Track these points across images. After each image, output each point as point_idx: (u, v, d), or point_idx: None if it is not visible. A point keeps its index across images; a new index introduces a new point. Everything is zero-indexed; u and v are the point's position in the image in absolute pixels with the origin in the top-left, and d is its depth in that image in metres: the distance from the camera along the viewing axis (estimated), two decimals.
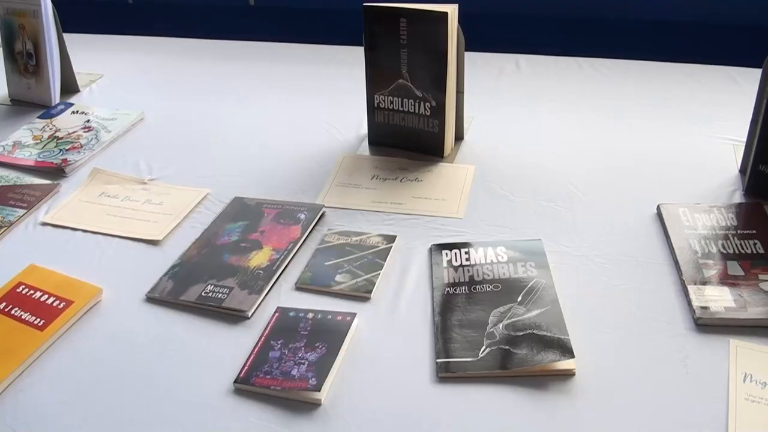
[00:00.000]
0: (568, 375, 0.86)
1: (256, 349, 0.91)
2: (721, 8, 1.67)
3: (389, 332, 0.94)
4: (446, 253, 1.05)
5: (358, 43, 1.27)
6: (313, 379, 0.85)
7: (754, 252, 1.04)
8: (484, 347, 0.89)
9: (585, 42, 1.71)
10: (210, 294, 1.00)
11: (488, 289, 0.98)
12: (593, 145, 1.33)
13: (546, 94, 1.52)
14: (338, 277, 1.02)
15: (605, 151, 1.31)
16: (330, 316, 0.95)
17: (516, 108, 1.47)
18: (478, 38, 1.52)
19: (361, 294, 0.99)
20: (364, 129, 1.36)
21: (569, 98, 1.50)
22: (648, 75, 1.57)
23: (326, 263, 1.05)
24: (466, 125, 1.36)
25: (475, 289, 0.99)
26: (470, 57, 1.29)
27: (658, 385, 0.85)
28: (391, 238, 1.09)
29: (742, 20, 1.64)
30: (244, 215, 1.16)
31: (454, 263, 1.03)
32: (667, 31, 1.73)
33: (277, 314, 0.96)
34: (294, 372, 0.87)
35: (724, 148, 1.29)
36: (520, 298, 0.96)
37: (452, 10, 1.19)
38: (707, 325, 0.92)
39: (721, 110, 1.41)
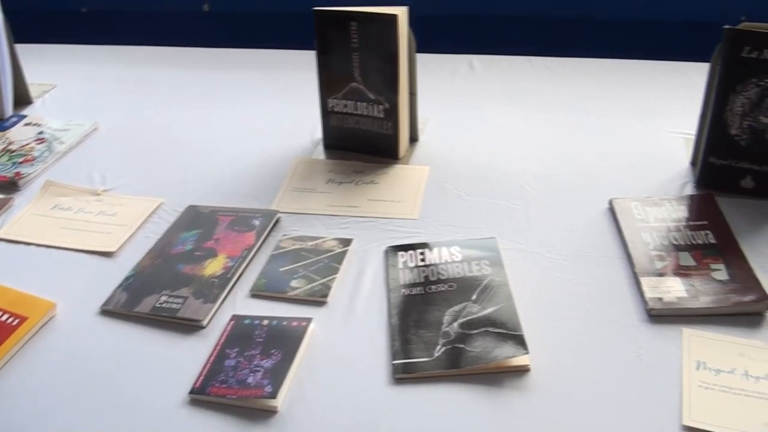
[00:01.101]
0: (523, 371, 0.86)
1: (211, 359, 0.90)
2: (672, 6, 1.70)
3: (345, 336, 0.93)
4: (402, 255, 1.05)
5: (312, 47, 1.27)
6: (269, 387, 0.84)
7: (706, 242, 1.05)
8: (439, 347, 0.89)
9: (538, 41, 1.73)
10: (164, 305, 0.98)
11: (443, 289, 0.98)
12: (547, 143, 1.34)
13: (500, 93, 1.53)
14: (294, 283, 1.01)
15: (559, 148, 1.32)
16: (285, 322, 0.94)
17: (470, 108, 1.48)
18: (431, 40, 1.52)
19: (317, 298, 0.99)
20: (319, 133, 1.36)
21: (523, 97, 1.51)
22: (601, 72, 1.59)
23: (281, 269, 1.04)
24: (420, 126, 1.36)
25: (430, 289, 0.99)
26: (423, 58, 1.30)
27: (612, 376, 0.86)
28: (346, 242, 1.09)
29: (692, 17, 1.67)
30: (198, 223, 1.15)
31: (410, 264, 1.03)
32: (620, 29, 1.75)
33: (232, 322, 0.95)
34: (250, 380, 0.86)
35: (676, 142, 1.31)
36: (474, 297, 0.96)
37: (402, 13, 1.19)
38: (660, 315, 0.93)
39: (673, 105, 1.43)
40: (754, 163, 1.15)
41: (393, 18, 1.17)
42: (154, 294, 1.00)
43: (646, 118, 1.40)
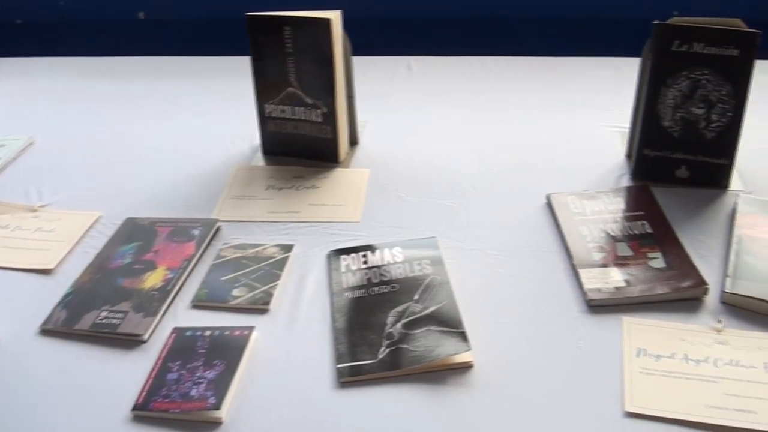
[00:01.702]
0: (466, 367, 0.87)
1: (153, 373, 0.88)
2: (605, 2, 1.74)
3: (289, 342, 0.92)
4: (344, 258, 1.05)
5: (247, 53, 1.26)
6: (213, 398, 0.83)
7: (643, 232, 1.07)
8: (383, 348, 0.88)
9: (474, 41, 1.75)
10: (104, 320, 0.96)
11: (386, 290, 0.98)
12: (485, 141, 1.35)
13: (438, 94, 1.54)
14: (235, 292, 1.00)
15: (497, 146, 1.33)
16: (228, 332, 0.93)
17: (409, 110, 1.48)
18: (369, 42, 1.53)
19: (259, 306, 0.98)
20: (258, 139, 1.35)
21: (461, 97, 1.52)
22: (536, 70, 1.62)
23: (222, 278, 1.03)
24: (360, 129, 1.36)
25: (373, 291, 0.98)
26: (361, 61, 1.30)
27: (554, 368, 0.87)
28: (288, 248, 1.08)
29: (625, 13, 1.70)
30: (137, 236, 1.13)
31: (352, 267, 1.03)
32: (555, 26, 1.78)
33: (173, 335, 0.94)
34: (193, 392, 0.84)
35: (611, 136, 1.34)
36: (417, 296, 0.96)
37: (335, 16, 1.19)
38: (599, 306, 0.95)
39: (607, 99, 1.46)
40: (688, 154, 1.18)
41: (326, 22, 1.17)
42: (94, 310, 0.98)
43: (581, 113, 1.43)
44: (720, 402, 0.81)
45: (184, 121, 1.50)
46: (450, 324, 0.91)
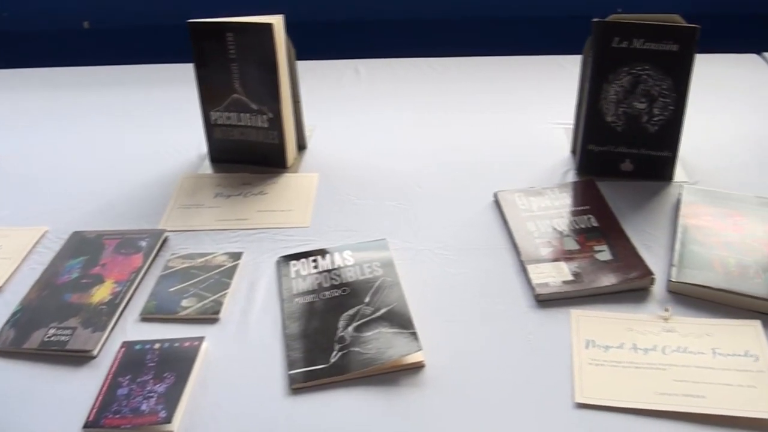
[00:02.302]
0: (418, 367, 0.87)
1: (103, 389, 0.86)
2: (549, 2, 1.76)
3: (240, 351, 0.91)
4: (294, 264, 1.04)
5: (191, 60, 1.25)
6: (163, 412, 0.82)
7: (589, 226, 1.09)
8: (335, 352, 0.88)
9: (419, 43, 1.76)
10: (53, 338, 0.94)
11: (337, 294, 0.98)
12: (433, 142, 1.36)
13: (386, 96, 1.54)
14: (184, 302, 0.99)
15: (445, 146, 1.34)
16: (177, 344, 0.92)
17: (357, 112, 1.48)
18: (316, 47, 1.53)
19: (209, 316, 0.96)
20: (204, 147, 1.33)
21: (408, 99, 1.53)
22: (482, 69, 1.63)
23: (171, 289, 1.01)
24: (308, 134, 1.36)
25: (324, 295, 0.98)
26: (308, 66, 1.30)
27: (505, 363, 0.88)
28: (237, 256, 1.07)
29: (568, 12, 1.73)
30: (84, 250, 1.10)
31: (302, 273, 1.02)
32: (500, 27, 1.80)
33: (123, 349, 0.92)
34: (143, 407, 0.83)
35: (557, 132, 1.36)
36: (368, 299, 0.96)
37: (278, 21, 1.18)
38: (548, 300, 0.96)
39: (552, 96, 1.48)
40: (631, 147, 1.20)
41: (268, 27, 1.16)
42: (42, 328, 0.95)
43: (527, 111, 1.45)
44: (669, 388, 0.83)
45: (129, 130, 1.48)
46: (401, 325, 0.91)
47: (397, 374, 0.86)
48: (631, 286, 0.97)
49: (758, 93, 1.50)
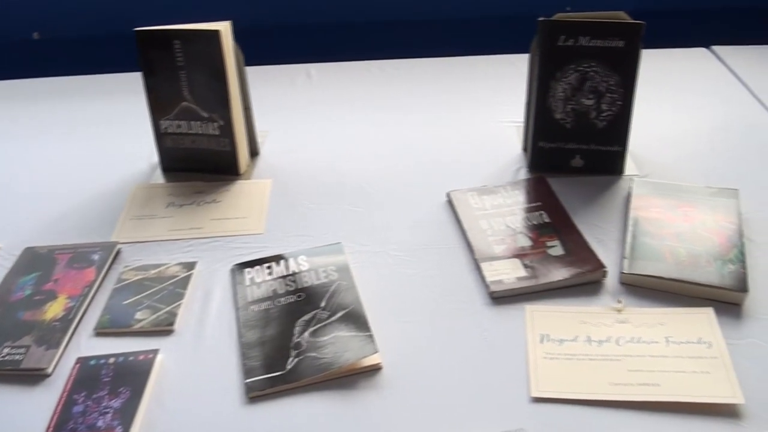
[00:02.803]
0: (375, 369, 0.87)
1: (59, 408, 0.84)
2: (499, 2, 1.78)
3: (196, 362, 0.90)
4: (248, 271, 1.03)
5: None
6: (119, 428, 0.81)
7: (541, 222, 1.10)
8: (291, 358, 0.88)
9: (371, 46, 1.76)
10: (7, 357, 0.91)
11: (292, 300, 0.97)
12: (386, 144, 1.36)
13: (338, 100, 1.54)
14: (138, 315, 0.97)
15: (398, 148, 1.34)
16: (132, 357, 0.90)
17: (310, 117, 1.48)
18: (267, 52, 1.52)
19: (164, 328, 0.95)
20: (156, 157, 1.31)
21: (361, 102, 1.52)
22: (434, 71, 1.63)
23: (125, 302, 1.00)
24: (260, 140, 1.35)
25: (279, 302, 0.97)
26: (259, 71, 1.29)
27: (461, 361, 0.88)
28: (190, 265, 1.06)
29: (516, 10, 1.74)
30: (36, 265, 1.08)
31: (257, 280, 1.02)
32: (450, 28, 1.81)
33: (78, 365, 0.90)
34: (99, 423, 0.82)
35: (508, 130, 1.37)
36: (323, 304, 0.96)
37: (225, 28, 1.17)
38: (502, 297, 0.97)
39: (503, 95, 1.49)
40: (581, 143, 1.21)
41: (216, 34, 1.15)
42: None
43: (479, 110, 1.46)
44: (624, 378, 0.84)
45: (79, 142, 1.45)
46: (357, 328, 0.91)
47: (354, 377, 0.86)
48: (584, 280, 0.99)
49: (707, 86, 1.53)
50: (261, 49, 1.38)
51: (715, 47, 1.68)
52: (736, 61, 1.62)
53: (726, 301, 0.95)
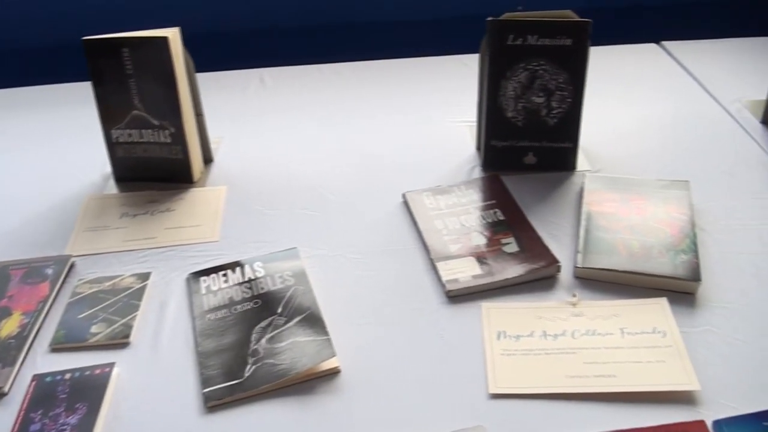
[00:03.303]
0: (334, 373, 0.87)
1: (15, 427, 0.83)
2: (451, 3, 1.79)
3: (153, 373, 0.90)
4: (204, 280, 1.03)
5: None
6: None
7: (495, 220, 1.11)
8: (249, 366, 0.87)
9: (325, 49, 1.76)
10: None
11: (249, 307, 0.97)
12: (342, 147, 1.36)
13: (293, 104, 1.53)
14: (94, 328, 0.96)
15: (353, 151, 1.34)
16: (88, 372, 0.89)
17: (264, 122, 1.46)
18: (219, 57, 1.50)
19: (119, 341, 0.94)
20: (109, 167, 1.29)
21: (315, 105, 1.52)
22: (387, 73, 1.63)
23: (80, 316, 0.98)
24: (214, 146, 1.34)
25: (236, 309, 0.97)
26: (212, 77, 1.28)
27: (419, 361, 0.89)
28: (145, 276, 1.05)
29: (469, 11, 1.75)
30: None
31: (213, 288, 1.01)
32: (403, 30, 1.81)
33: (34, 383, 0.89)
34: None
35: (462, 130, 1.38)
36: (280, 309, 0.95)
37: (173, 34, 1.16)
38: (458, 296, 0.98)
39: (456, 95, 1.49)
40: (533, 141, 1.23)
41: (164, 40, 1.14)
42: None
43: (432, 110, 1.46)
44: (580, 371, 0.86)
45: (29, 154, 1.42)
46: (314, 332, 0.91)
47: (313, 382, 0.86)
48: (539, 275, 1.00)
49: (657, 80, 1.56)
50: (214, 54, 1.37)
51: (664, 42, 1.71)
52: (686, 55, 1.65)
53: (679, 290, 0.97)
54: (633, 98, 1.49)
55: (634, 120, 1.41)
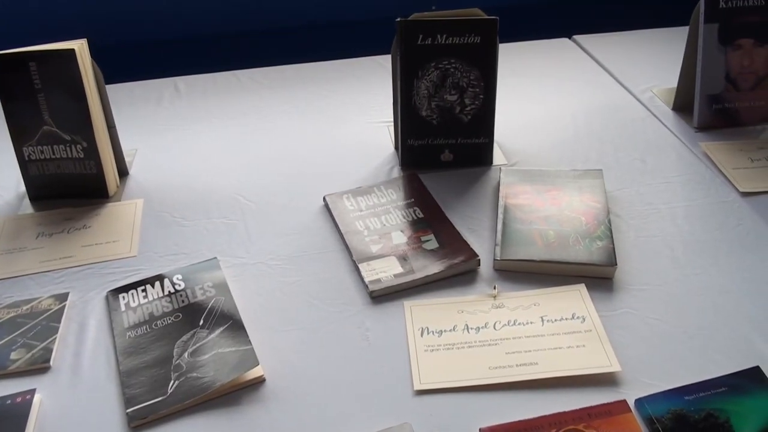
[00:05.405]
0: (258, 382, 0.87)
1: None
2: (364, 5, 1.80)
3: (75, 397, 0.87)
4: (123, 297, 1.01)
5: None
6: None
7: (415, 218, 1.13)
8: (172, 381, 0.86)
9: (238, 55, 1.74)
10: None
11: (170, 321, 0.96)
12: (260, 153, 1.35)
13: (208, 112, 1.50)
14: (13, 355, 0.93)
15: (272, 157, 1.33)
16: (9, 401, 0.86)
17: (180, 132, 1.44)
18: (132, 68, 1.47)
19: (39, 366, 0.91)
20: (23, 186, 1.25)
21: (232, 112, 1.50)
22: (303, 77, 1.62)
23: None
24: (128, 159, 1.31)
25: (156, 325, 0.95)
26: (124, 88, 1.25)
27: (344, 364, 0.90)
28: (63, 297, 1.02)
29: (382, 13, 1.77)
30: None
31: (132, 305, 0.99)
32: (317, 33, 1.81)
33: None
34: None
35: (380, 131, 1.39)
36: (202, 322, 0.95)
37: (80, 46, 1.14)
38: (381, 295, 0.99)
39: (375, 97, 1.50)
40: (449, 138, 1.25)
41: (71, 53, 1.12)
42: None
43: (350, 112, 1.47)
44: (502, 361, 0.88)
45: None
46: (237, 343, 0.91)
47: (238, 393, 0.86)
48: (459, 270, 1.02)
49: (569, 74, 1.60)
50: (125, 65, 1.33)
51: (576, 36, 1.76)
52: (597, 48, 1.70)
53: (597, 276, 1.00)
54: (547, 92, 1.52)
55: (549, 113, 1.44)
